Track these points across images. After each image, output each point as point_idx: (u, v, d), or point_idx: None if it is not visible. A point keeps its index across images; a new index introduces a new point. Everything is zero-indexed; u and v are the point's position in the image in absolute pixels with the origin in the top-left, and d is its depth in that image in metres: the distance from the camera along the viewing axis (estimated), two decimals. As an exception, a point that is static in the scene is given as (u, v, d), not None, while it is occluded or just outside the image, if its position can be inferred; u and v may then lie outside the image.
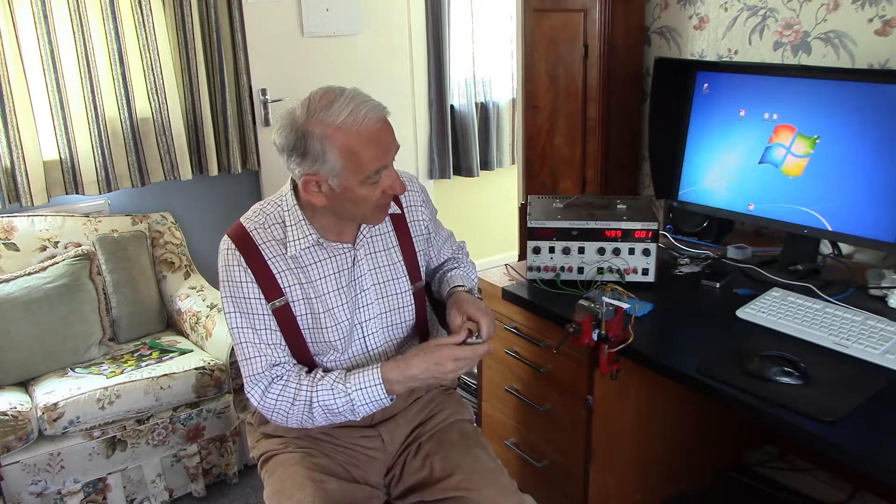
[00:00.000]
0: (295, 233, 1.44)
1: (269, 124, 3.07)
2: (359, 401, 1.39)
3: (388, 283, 1.54)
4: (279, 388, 1.42)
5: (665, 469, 2.03)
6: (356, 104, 1.32)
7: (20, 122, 2.50)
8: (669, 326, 1.70)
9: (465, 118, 3.99)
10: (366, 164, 1.34)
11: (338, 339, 1.49)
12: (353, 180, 1.35)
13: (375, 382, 1.39)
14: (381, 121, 1.35)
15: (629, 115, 2.56)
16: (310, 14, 3.13)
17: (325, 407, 1.40)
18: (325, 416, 1.42)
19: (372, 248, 1.53)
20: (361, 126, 1.32)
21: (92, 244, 2.58)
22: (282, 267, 1.44)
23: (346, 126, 1.31)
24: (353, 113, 1.32)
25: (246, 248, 1.43)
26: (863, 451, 1.23)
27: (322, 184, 1.37)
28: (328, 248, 1.48)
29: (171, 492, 2.38)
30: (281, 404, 1.42)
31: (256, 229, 1.45)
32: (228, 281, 1.43)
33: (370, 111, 1.33)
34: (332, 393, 1.40)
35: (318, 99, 1.34)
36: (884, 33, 1.95)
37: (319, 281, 1.47)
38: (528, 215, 1.92)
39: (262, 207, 1.50)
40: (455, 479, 1.47)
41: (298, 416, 1.42)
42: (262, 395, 1.43)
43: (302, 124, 1.33)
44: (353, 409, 1.40)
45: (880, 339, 1.51)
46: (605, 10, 2.37)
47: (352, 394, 1.39)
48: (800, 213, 1.87)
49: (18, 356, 2.29)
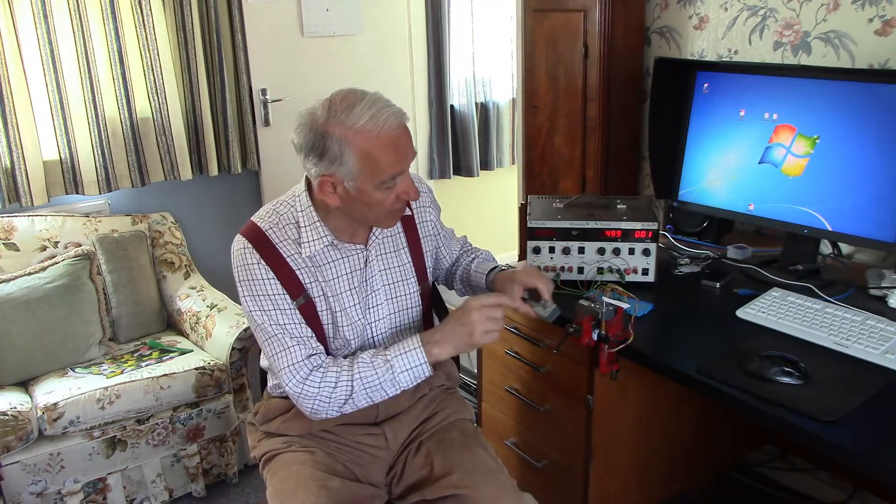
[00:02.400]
0: (310, 234, 1.44)
1: (269, 124, 3.07)
2: (399, 367, 1.40)
3: (397, 283, 1.56)
4: (320, 376, 1.41)
5: (665, 469, 2.03)
6: (377, 108, 1.33)
7: (20, 122, 2.50)
8: (669, 326, 1.70)
9: (465, 118, 3.99)
10: (383, 169, 1.35)
11: (353, 338, 1.50)
12: (369, 184, 1.35)
13: (415, 346, 1.40)
14: (401, 127, 1.36)
15: (629, 115, 2.56)
16: (310, 14, 3.13)
17: (367, 382, 1.40)
18: (365, 393, 1.41)
19: (383, 249, 1.54)
20: (381, 131, 1.32)
21: (92, 244, 2.58)
22: (300, 265, 1.45)
23: (365, 130, 1.32)
24: (374, 117, 1.32)
25: (263, 246, 1.43)
26: (863, 451, 1.22)
27: (338, 185, 1.37)
28: (341, 249, 1.48)
29: (171, 492, 2.38)
30: (323, 390, 1.41)
31: (272, 228, 1.45)
32: (249, 279, 1.42)
33: (391, 116, 1.33)
34: (371, 366, 1.40)
35: (339, 100, 1.34)
36: (884, 33, 1.95)
37: (334, 281, 1.48)
38: (528, 215, 1.92)
39: (274, 208, 1.49)
40: (455, 478, 1.47)
41: (340, 401, 1.41)
42: (301, 383, 1.41)
43: (322, 125, 1.33)
44: (393, 379, 1.40)
45: (880, 339, 1.51)
46: (605, 10, 2.37)
47: (392, 360, 1.40)
48: (800, 213, 1.87)
49: (18, 356, 2.29)
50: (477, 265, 1.71)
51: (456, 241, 1.78)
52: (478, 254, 1.78)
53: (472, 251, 1.80)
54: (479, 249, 1.81)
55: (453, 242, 1.77)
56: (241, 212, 3.18)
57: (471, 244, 1.83)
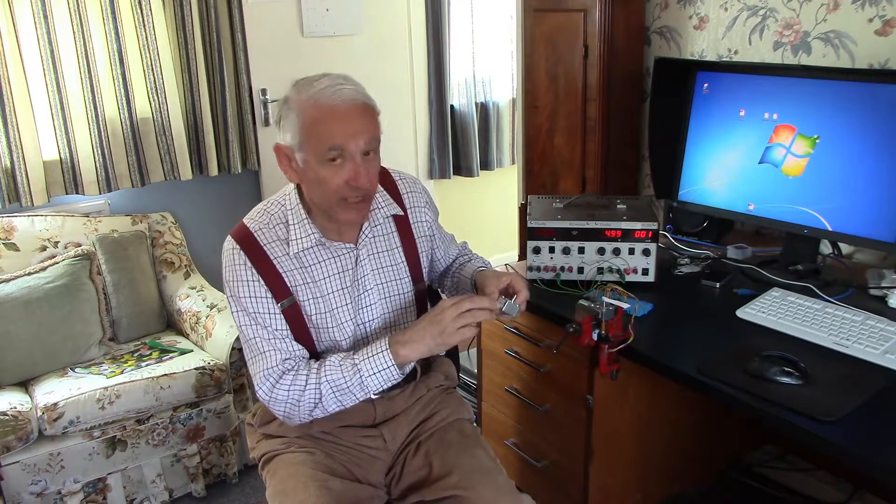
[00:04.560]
0: (297, 232, 1.45)
1: (269, 124, 3.07)
2: (366, 370, 1.37)
3: (390, 283, 1.55)
4: (290, 379, 1.41)
5: (665, 469, 2.03)
6: (337, 83, 1.35)
7: (20, 122, 2.50)
8: (669, 326, 1.70)
9: (465, 118, 3.99)
10: (323, 139, 1.34)
11: (343, 339, 1.50)
12: (313, 156, 1.36)
13: (382, 349, 1.37)
14: (355, 102, 1.36)
15: (629, 115, 2.56)
16: (310, 14, 3.13)
17: (335, 385, 1.38)
18: (334, 397, 1.39)
19: (374, 248, 1.53)
20: (331, 100, 1.34)
21: (92, 244, 2.58)
22: (287, 267, 1.45)
23: (315, 97, 1.34)
24: (328, 88, 1.34)
25: (250, 248, 1.43)
26: (863, 451, 1.23)
27: (291, 158, 1.39)
28: (331, 248, 1.48)
29: (171, 492, 2.38)
30: (293, 394, 1.40)
31: (261, 229, 1.45)
32: (234, 280, 1.43)
33: (347, 91, 1.35)
34: (340, 369, 1.39)
35: (312, 77, 1.38)
36: (884, 33, 1.95)
37: (323, 281, 1.47)
38: (528, 215, 1.92)
39: (265, 207, 1.50)
40: (453, 479, 1.47)
41: (310, 405, 1.40)
42: (272, 388, 1.41)
43: (286, 96, 1.38)
44: (361, 382, 1.37)
45: (880, 339, 1.51)
46: (605, 10, 2.37)
47: (359, 364, 1.37)
48: (800, 213, 1.87)
49: (18, 356, 2.29)
50: (468, 265, 1.69)
51: (455, 246, 1.77)
52: (472, 257, 1.76)
53: (467, 256, 1.77)
54: (478, 256, 1.77)
55: (451, 247, 1.75)
56: (242, 212, 3.14)
57: (470, 250, 1.80)
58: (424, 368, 1.66)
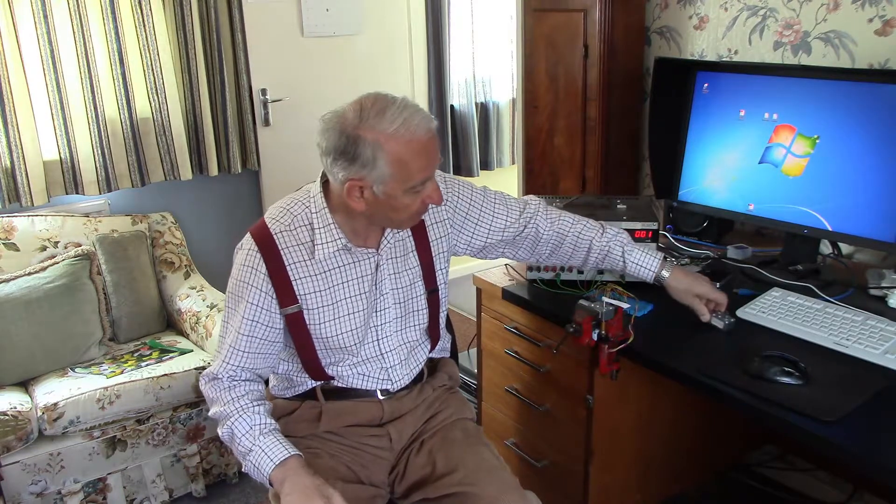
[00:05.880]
0: (324, 236, 1.43)
1: (269, 124, 3.08)
2: (252, 457, 1.38)
3: (405, 288, 1.55)
4: (224, 386, 1.45)
5: (665, 469, 2.03)
6: (409, 113, 1.32)
7: (20, 122, 2.50)
8: (669, 326, 1.70)
9: (465, 118, 3.99)
10: (414, 174, 1.34)
11: (352, 344, 1.50)
12: (399, 189, 1.35)
13: (275, 459, 1.36)
14: (431, 132, 1.35)
15: (629, 115, 2.56)
16: (310, 14, 3.13)
17: (233, 430, 1.41)
18: (228, 434, 1.42)
19: (393, 253, 1.53)
20: (413, 136, 1.32)
21: (92, 244, 2.57)
22: (301, 274, 1.44)
23: (398, 135, 1.31)
24: (406, 122, 1.31)
25: (268, 251, 1.42)
26: (863, 451, 1.23)
27: (366, 189, 1.36)
28: (354, 253, 1.47)
29: (171, 492, 2.38)
30: (212, 395, 1.46)
31: (282, 232, 1.44)
32: (240, 280, 1.43)
33: (422, 121, 1.33)
34: (249, 430, 1.40)
35: (370, 105, 1.32)
36: (884, 33, 1.95)
37: (337, 287, 1.47)
38: (528, 215, 1.92)
39: (288, 208, 1.47)
40: (458, 476, 1.47)
41: (215, 415, 1.45)
42: (206, 383, 1.48)
43: (353, 129, 1.31)
44: (244, 456, 1.40)
45: (880, 339, 1.51)
46: (605, 10, 2.37)
47: (253, 447, 1.39)
48: (800, 213, 1.87)
49: (18, 356, 2.29)
50: (611, 250, 1.65)
51: (515, 206, 1.65)
52: (584, 223, 1.68)
53: (563, 218, 1.68)
54: (569, 216, 1.69)
55: (498, 213, 1.63)
56: (242, 211, 3.19)
57: (546, 207, 1.70)
58: (430, 369, 1.66)
